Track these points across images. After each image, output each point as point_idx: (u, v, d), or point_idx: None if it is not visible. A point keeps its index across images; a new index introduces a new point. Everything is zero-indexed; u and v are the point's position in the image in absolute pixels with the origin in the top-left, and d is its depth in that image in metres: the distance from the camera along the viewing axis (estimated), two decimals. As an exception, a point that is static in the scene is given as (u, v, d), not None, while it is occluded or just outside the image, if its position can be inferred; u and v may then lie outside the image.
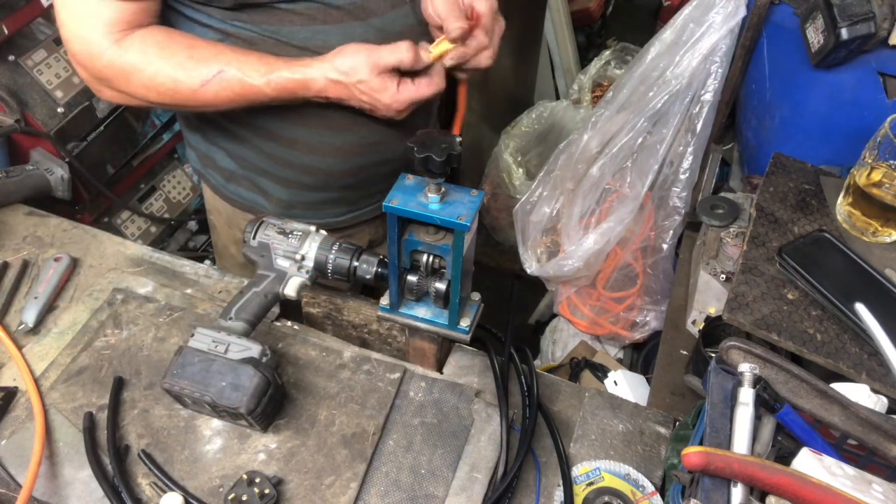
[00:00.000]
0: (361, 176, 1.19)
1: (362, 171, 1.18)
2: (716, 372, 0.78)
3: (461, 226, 0.83)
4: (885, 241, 1.18)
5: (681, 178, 1.72)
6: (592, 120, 1.76)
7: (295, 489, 0.88)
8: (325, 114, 1.06)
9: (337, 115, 1.06)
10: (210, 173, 1.25)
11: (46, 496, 0.87)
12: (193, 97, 0.99)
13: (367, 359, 1.02)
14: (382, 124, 1.07)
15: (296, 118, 1.08)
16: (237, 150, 1.17)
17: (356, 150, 1.13)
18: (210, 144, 1.20)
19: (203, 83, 0.98)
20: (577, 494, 0.89)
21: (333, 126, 1.09)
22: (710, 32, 1.59)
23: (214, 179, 1.25)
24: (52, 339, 1.04)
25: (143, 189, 1.88)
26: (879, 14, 1.30)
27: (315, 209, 1.23)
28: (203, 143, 1.21)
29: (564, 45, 2.87)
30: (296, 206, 1.21)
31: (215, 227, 1.38)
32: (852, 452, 0.81)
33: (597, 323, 1.91)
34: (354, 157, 1.14)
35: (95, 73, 1.00)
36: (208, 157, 1.23)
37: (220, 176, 1.24)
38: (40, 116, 1.51)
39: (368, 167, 1.17)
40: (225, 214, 1.30)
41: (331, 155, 1.13)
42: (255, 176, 1.19)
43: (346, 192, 1.22)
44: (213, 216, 1.36)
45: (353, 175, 1.18)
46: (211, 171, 1.25)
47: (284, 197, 1.20)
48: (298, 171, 1.16)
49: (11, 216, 1.22)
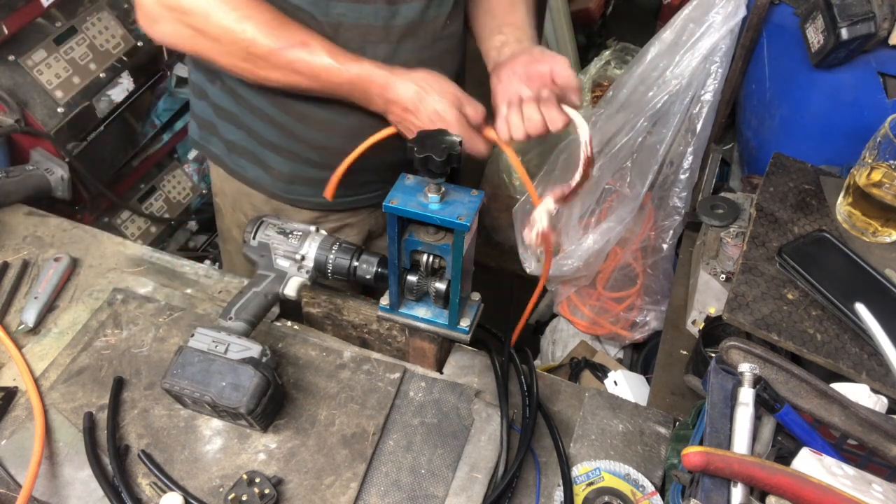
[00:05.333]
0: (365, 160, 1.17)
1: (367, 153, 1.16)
2: (716, 372, 0.79)
3: (461, 226, 0.83)
4: (885, 241, 1.18)
5: (681, 178, 1.72)
6: (592, 120, 1.76)
7: (295, 489, 0.88)
8: None
9: None
10: (213, 142, 1.26)
11: (46, 496, 0.87)
12: (266, 58, 0.99)
13: (367, 359, 1.02)
14: None
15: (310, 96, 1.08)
16: (247, 120, 1.17)
17: (364, 131, 1.11)
18: (218, 111, 1.20)
19: (284, 47, 0.98)
20: (577, 494, 0.89)
21: (345, 105, 1.08)
22: (710, 32, 1.59)
23: (217, 149, 1.26)
24: (52, 339, 1.04)
25: (143, 189, 1.88)
26: (879, 14, 1.30)
27: (314, 186, 1.21)
28: (210, 111, 1.22)
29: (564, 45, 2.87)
30: (296, 181, 1.21)
31: (220, 209, 1.39)
32: (852, 452, 0.81)
33: (597, 323, 1.91)
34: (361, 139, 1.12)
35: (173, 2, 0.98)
36: (213, 125, 1.23)
37: (223, 146, 1.24)
38: (40, 116, 1.51)
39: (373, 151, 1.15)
40: (230, 196, 1.31)
41: (339, 133, 1.13)
42: (260, 148, 1.19)
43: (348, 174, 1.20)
44: (219, 198, 1.36)
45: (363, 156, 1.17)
46: (215, 139, 1.25)
47: (286, 171, 1.20)
48: (305, 147, 1.16)
49: (11, 216, 1.22)
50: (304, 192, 1.23)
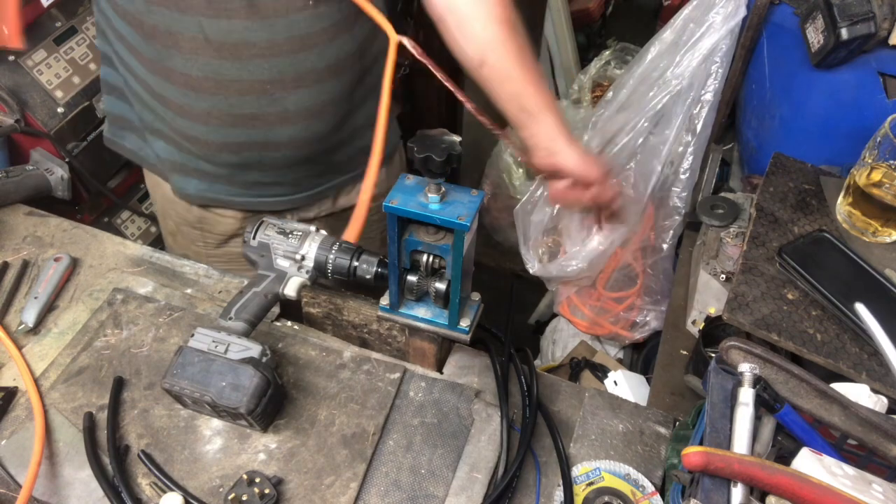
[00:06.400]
0: (244, 156, 1.16)
1: (244, 149, 1.14)
2: (716, 372, 0.78)
3: (461, 226, 0.83)
4: (885, 241, 1.18)
5: (681, 178, 1.72)
6: (593, 120, 1.76)
7: (295, 489, 0.88)
8: (189, 73, 1.05)
9: (201, 78, 1.05)
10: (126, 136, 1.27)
11: (46, 496, 0.87)
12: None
13: (367, 359, 1.02)
14: (254, 96, 1.07)
15: (162, 71, 1.07)
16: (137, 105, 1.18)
17: (228, 119, 1.10)
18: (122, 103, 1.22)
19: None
20: (577, 494, 0.89)
21: (198, 87, 1.06)
22: (710, 32, 1.59)
23: (130, 143, 1.27)
24: (52, 339, 1.04)
25: (143, 189, 1.87)
26: (879, 14, 1.30)
27: (205, 180, 1.21)
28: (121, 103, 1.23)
29: (564, 45, 2.87)
30: (188, 171, 1.20)
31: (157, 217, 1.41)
32: (852, 452, 0.81)
33: (597, 323, 1.91)
34: (227, 129, 1.11)
35: None
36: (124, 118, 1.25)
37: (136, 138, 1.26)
38: (40, 116, 1.51)
39: (250, 147, 1.14)
40: (160, 203, 1.32)
41: (200, 121, 1.11)
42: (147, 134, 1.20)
43: (232, 170, 1.19)
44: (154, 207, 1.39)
45: (234, 152, 1.15)
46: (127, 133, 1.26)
47: (176, 160, 1.19)
48: (176, 134, 1.15)
49: (11, 216, 1.22)
50: (200, 188, 1.21)
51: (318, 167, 1.24)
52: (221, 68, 1.04)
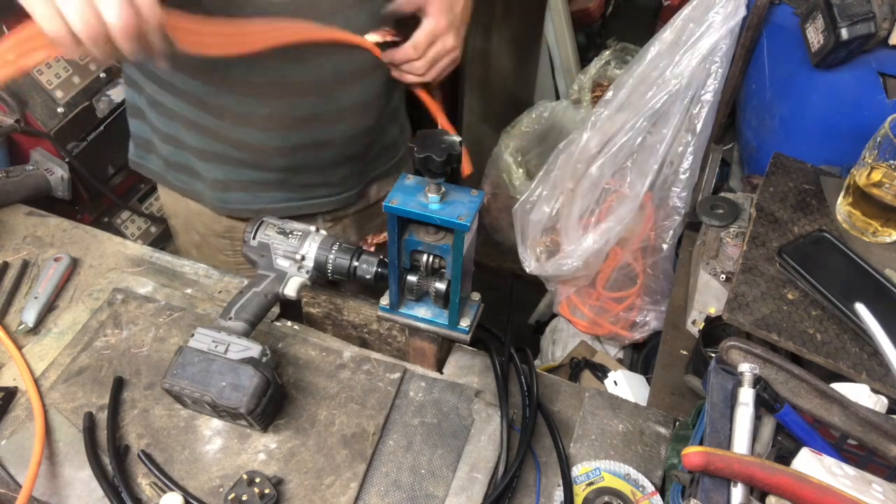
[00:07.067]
0: (298, 158, 1.16)
1: (297, 151, 1.15)
2: (716, 372, 0.78)
3: (461, 226, 0.83)
4: (885, 241, 1.18)
5: (681, 178, 1.72)
6: (592, 120, 1.76)
7: (295, 489, 0.88)
8: (252, 80, 1.05)
9: (265, 83, 1.06)
10: (150, 159, 1.26)
11: (46, 496, 0.87)
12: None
13: (367, 359, 1.02)
14: (314, 97, 1.08)
15: (221, 82, 1.06)
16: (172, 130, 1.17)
17: (287, 122, 1.10)
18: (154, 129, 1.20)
19: None
20: (577, 494, 0.89)
21: (261, 94, 1.07)
22: (710, 32, 1.59)
23: (154, 165, 1.26)
24: (52, 339, 1.04)
25: (143, 189, 1.88)
26: (879, 14, 1.30)
27: (251, 190, 1.21)
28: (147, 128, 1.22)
29: (564, 45, 2.87)
30: (232, 186, 1.20)
31: (175, 231, 1.38)
32: (852, 452, 0.81)
33: (597, 323, 1.91)
34: (286, 133, 1.12)
35: None
36: (149, 142, 1.23)
37: (160, 162, 1.24)
38: (40, 116, 1.51)
39: (304, 148, 1.15)
40: (183, 217, 1.31)
41: (260, 127, 1.11)
42: (191, 158, 1.19)
43: (284, 174, 1.19)
44: (173, 220, 1.36)
45: (288, 155, 1.15)
46: (152, 156, 1.25)
47: (220, 177, 1.19)
48: (228, 145, 1.14)
49: (11, 216, 1.22)
50: (245, 199, 1.21)
51: (359, 165, 1.26)
52: (286, 71, 1.05)
